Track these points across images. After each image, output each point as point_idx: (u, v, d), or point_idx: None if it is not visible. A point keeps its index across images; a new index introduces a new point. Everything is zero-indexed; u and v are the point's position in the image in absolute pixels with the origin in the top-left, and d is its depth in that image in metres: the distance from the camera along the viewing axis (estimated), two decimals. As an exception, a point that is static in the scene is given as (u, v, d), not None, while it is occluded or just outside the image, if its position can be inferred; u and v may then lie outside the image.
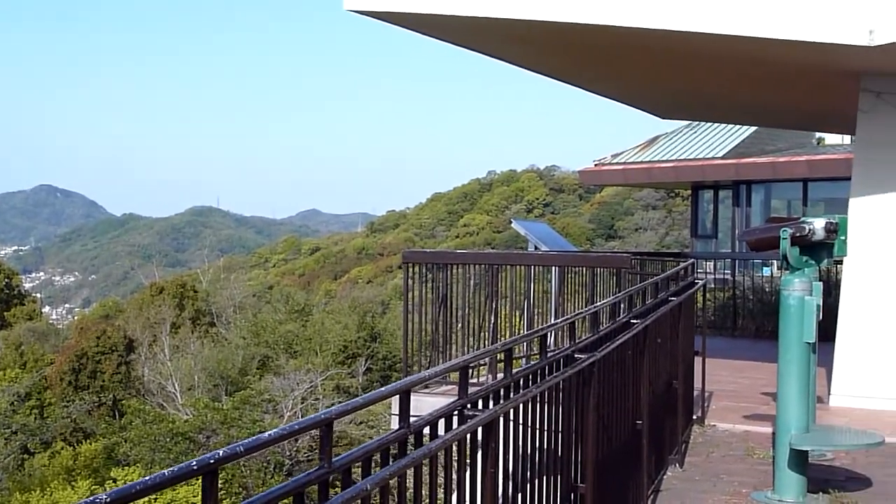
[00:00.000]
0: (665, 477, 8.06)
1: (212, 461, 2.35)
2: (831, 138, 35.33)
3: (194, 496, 26.73)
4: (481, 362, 10.99)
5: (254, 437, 2.58)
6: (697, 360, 10.11)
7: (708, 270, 24.97)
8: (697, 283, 9.89)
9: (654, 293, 8.18)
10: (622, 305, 7.09)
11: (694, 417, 9.94)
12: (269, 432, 2.64)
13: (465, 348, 11.97)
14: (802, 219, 7.77)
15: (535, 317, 12.70)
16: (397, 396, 3.58)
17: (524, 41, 11.19)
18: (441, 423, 3.91)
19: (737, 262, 22.89)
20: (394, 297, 56.91)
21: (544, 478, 5.16)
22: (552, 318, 12.64)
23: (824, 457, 8.66)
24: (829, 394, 11.20)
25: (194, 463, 2.33)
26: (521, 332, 12.15)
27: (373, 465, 3.32)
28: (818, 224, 7.66)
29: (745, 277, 20.04)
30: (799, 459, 7.35)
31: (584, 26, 9.91)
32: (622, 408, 6.53)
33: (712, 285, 21.07)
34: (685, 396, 9.12)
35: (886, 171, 11.13)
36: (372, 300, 58.83)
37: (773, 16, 9.55)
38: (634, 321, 6.79)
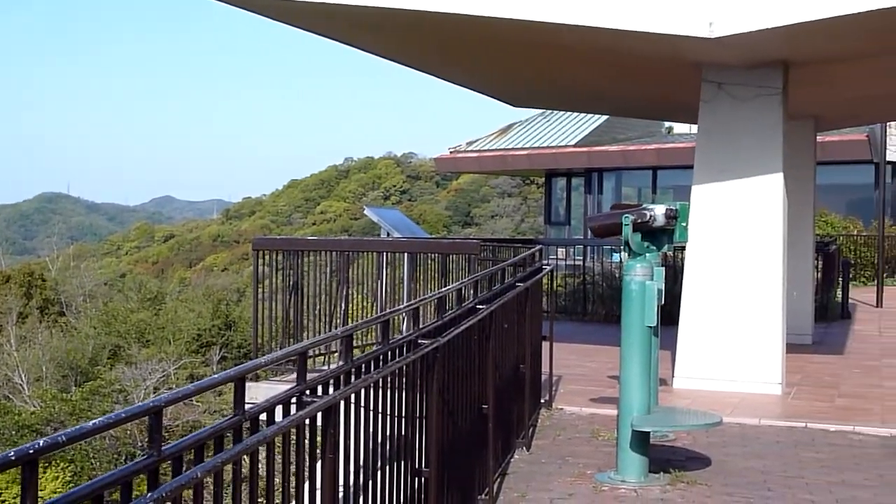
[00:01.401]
0: (512, 460, 8.18)
1: (31, 451, 2.31)
2: (680, 127, 36.14)
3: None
4: (332, 349, 10.98)
5: (77, 427, 2.54)
6: (546, 345, 10.28)
7: (561, 256, 25.34)
8: (545, 268, 10.03)
9: (501, 279, 8.29)
10: (468, 291, 7.17)
11: (542, 401, 10.11)
12: (94, 421, 2.60)
13: (317, 335, 11.93)
14: (644, 205, 7.95)
15: (388, 303, 12.72)
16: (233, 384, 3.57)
17: (375, 29, 11.19)
18: (279, 410, 3.91)
19: (588, 248, 23.24)
20: (249, 285, 56.18)
21: (389, 463, 5.20)
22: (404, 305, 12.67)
23: (666, 437, 8.89)
24: (673, 376, 11.48)
25: (12, 453, 2.29)
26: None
27: (206, 452, 3.31)
28: (659, 210, 7.85)
29: (596, 263, 20.39)
30: (641, 440, 7.53)
31: (432, 14, 9.97)
32: (468, 392, 6.60)
33: (564, 271, 21.41)
34: (533, 380, 9.25)
35: (726, 159, 11.45)
36: (227, 288, 58.12)
37: (618, 7, 9.73)
38: (480, 307, 6.86)
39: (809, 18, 9.32)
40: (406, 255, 13.15)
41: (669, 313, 12.61)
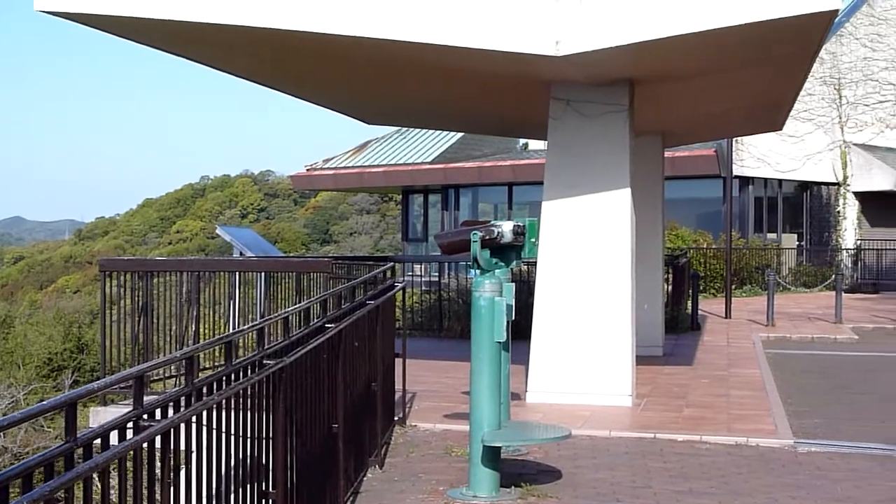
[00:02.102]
0: (365, 479, 8.14)
1: None
2: (535, 144, 36.62)
3: None
4: (175, 372, 10.81)
5: None
6: (399, 362, 10.27)
7: (418, 273, 25.41)
8: (397, 286, 10.03)
9: (352, 297, 8.27)
10: (317, 310, 7.12)
11: (396, 419, 10.09)
12: None
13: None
14: (492, 222, 8.01)
15: (241, 324, 12.58)
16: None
17: (213, 44, 11.04)
18: (115, 435, 3.81)
19: (445, 264, 23.33)
20: (106, 307, 55.03)
21: (236, 486, 5.12)
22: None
23: (519, 451, 8.96)
24: (526, 391, 11.59)
25: None
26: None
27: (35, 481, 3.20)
28: (506, 227, 7.92)
29: (452, 280, 20.48)
30: (492, 455, 7.57)
31: (259, 30, 9.88)
32: (317, 412, 6.55)
33: (422, 287, 21.48)
34: (385, 398, 9.23)
35: (575, 175, 11.62)
36: (79, 310, 56.80)
37: (465, 25, 9.80)
38: (329, 325, 6.83)
39: (652, 37, 9.52)
40: (262, 274, 13.03)
41: (522, 328, 12.77)
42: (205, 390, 4.66)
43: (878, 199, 35.96)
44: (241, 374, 5.11)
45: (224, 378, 4.90)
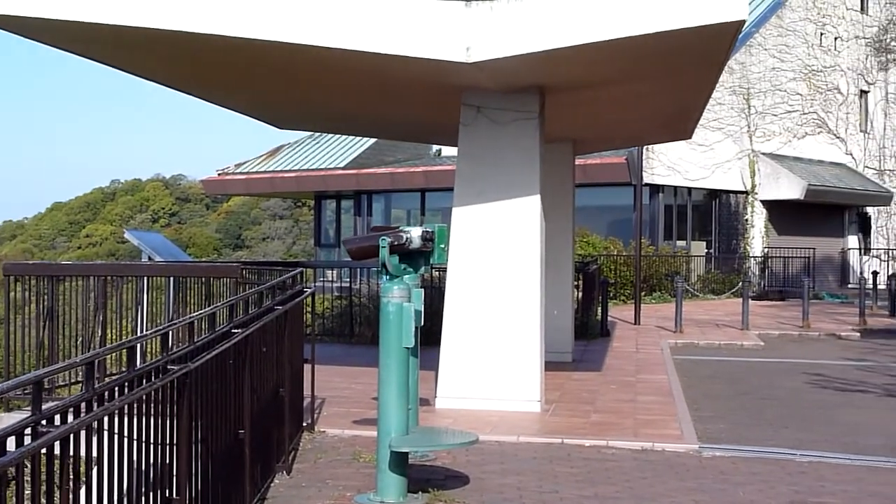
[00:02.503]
0: (272, 485, 8.09)
1: None
2: (449, 150, 36.72)
3: None
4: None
5: None
6: (308, 368, 10.22)
7: (331, 278, 25.34)
8: (306, 291, 9.99)
9: (260, 302, 8.22)
10: (224, 315, 7.07)
11: (304, 424, 10.04)
12: None
13: (73, 363, 11.55)
14: (401, 228, 8.01)
15: (150, 329, 12.44)
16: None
17: (113, 45, 10.87)
18: (12, 441, 3.75)
19: (357, 270, 23.29)
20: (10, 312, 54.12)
21: (139, 493, 5.06)
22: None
23: (426, 457, 8.97)
24: (435, 396, 11.60)
25: None
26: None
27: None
28: (415, 233, 7.92)
29: (364, 285, 20.44)
30: (399, 461, 7.57)
31: (153, 31, 9.77)
32: (223, 418, 6.50)
33: (334, 293, 21.41)
34: (293, 404, 9.18)
35: (485, 181, 11.68)
36: (-15, 315, 55.71)
37: (375, 30, 9.80)
38: (236, 330, 6.78)
39: (561, 45, 9.60)
40: (170, 279, 12.91)
41: (433, 334, 12.79)
42: (106, 395, 4.60)
43: (785, 207, 36.64)
44: (143, 379, 5.06)
45: (126, 383, 4.84)
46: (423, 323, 8.20)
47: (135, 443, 4.96)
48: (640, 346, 18.72)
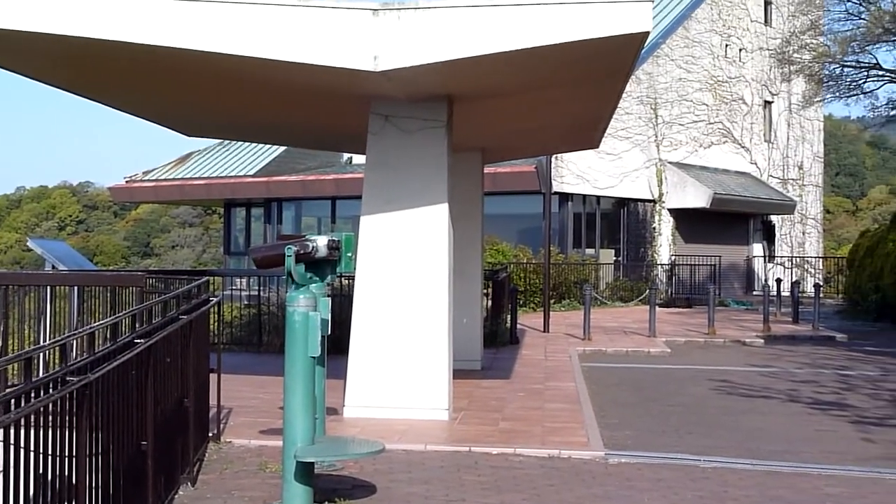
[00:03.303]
0: (176, 496, 8.00)
1: None
2: (359, 158, 36.63)
3: None
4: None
5: None
6: (214, 378, 10.13)
7: (240, 287, 25.11)
8: (212, 300, 9.90)
9: (164, 311, 8.13)
10: (126, 325, 6.97)
11: (210, 435, 9.95)
12: None
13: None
14: (307, 236, 7.98)
15: (52, 338, 12.23)
16: None
17: (6, 50, 10.68)
18: None
19: (267, 278, 23.13)
20: None
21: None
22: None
23: (334, 467, 8.94)
24: (343, 405, 11.56)
25: None
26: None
27: None
28: (321, 242, 7.90)
29: (272, 294, 20.31)
30: (305, 471, 7.52)
31: (58, 37, 9.64)
32: (125, 429, 6.41)
33: (244, 302, 21.24)
34: (199, 415, 9.09)
35: (393, 190, 11.68)
36: None
37: (283, 38, 9.74)
38: (139, 340, 6.70)
39: (467, 55, 9.64)
40: (74, 288, 12.70)
41: (342, 342, 12.74)
42: (1, 408, 4.51)
43: (692, 215, 37.15)
44: (41, 391, 4.97)
45: (23, 395, 4.75)
46: (330, 332, 8.18)
47: (32, 455, 4.87)
48: (548, 354, 18.84)
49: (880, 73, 29.32)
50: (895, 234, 28.09)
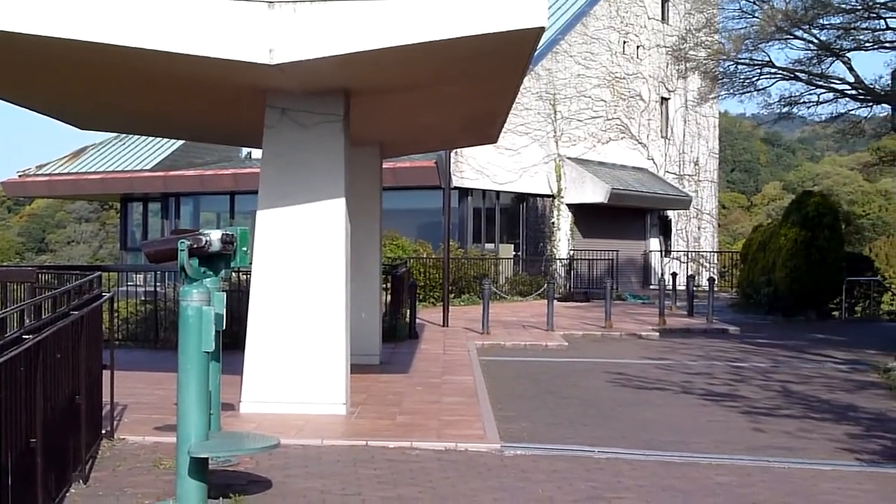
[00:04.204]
0: (68, 494, 7.89)
1: None
2: (258, 152, 36.29)
3: None
4: None
5: None
6: (108, 374, 9.98)
7: (138, 283, 24.81)
8: (105, 295, 9.77)
9: (54, 307, 8.00)
10: (14, 320, 6.85)
11: (103, 432, 9.81)
12: None
13: None
14: (200, 230, 7.92)
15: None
16: None
17: None
18: None
19: (165, 274, 22.85)
20: None
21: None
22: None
23: (229, 462, 8.88)
24: (240, 401, 11.48)
25: None
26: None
27: None
28: (215, 236, 7.84)
29: (170, 290, 20.08)
30: (199, 467, 7.47)
31: None
32: (13, 426, 6.30)
33: (142, 297, 20.95)
34: (91, 411, 8.96)
35: (290, 184, 11.62)
36: None
37: (176, 30, 9.63)
38: (27, 336, 6.59)
39: (362, 49, 9.63)
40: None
41: (240, 338, 12.64)
42: None
43: (590, 211, 37.56)
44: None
45: None
46: (228, 327, 8.13)
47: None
48: (447, 348, 18.90)
49: (773, 70, 29.86)
50: (787, 229, 28.67)
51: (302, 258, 11.59)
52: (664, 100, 44.29)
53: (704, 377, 16.30)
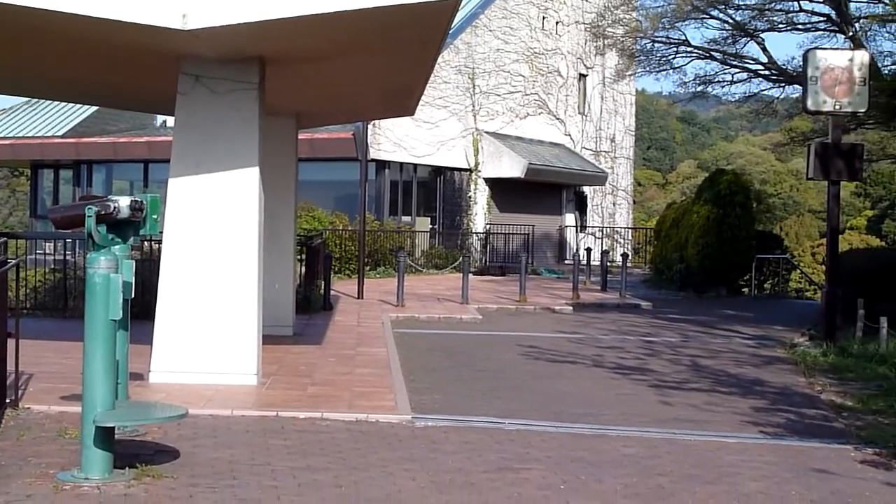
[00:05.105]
0: (-31, 464, 7.74)
1: None
2: (173, 120, 35.89)
3: None
4: None
5: None
6: (12, 343, 9.81)
7: (47, 251, 24.41)
8: (10, 262, 9.58)
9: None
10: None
11: (8, 401, 9.64)
12: None
13: None
14: (109, 197, 7.80)
15: None
16: None
17: None
18: None
19: (75, 242, 22.52)
20: None
21: None
22: None
23: (137, 432, 8.78)
24: (149, 371, 11.36)
25: None
26: None
27: None
28: (123, 202, 7.74)
29: (80, 258, 19.79)
30: (105, 436, 7.38)
31: None
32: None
33: (52, 266, 20.63)
34: (-5, 380, 8.81)
35: (203, 152, 11.49)
36: None
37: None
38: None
39: (276, 16, 9.54)
40: None
41: (151, 308, 12.50)
42: None
43: (507, 185, 37.66)
44: None
45: None
46: (141, 297, 8.02)
47: None
48: (361, 320, 18.88)
49: (689, 49, 30.13)
50: (700, 206, 29.02)
51: (214, 227, 11.47)
52: (582, 76, 44.51)
53: (616, 351, 16.46)
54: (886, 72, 24.48)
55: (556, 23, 42.33)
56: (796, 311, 25.00)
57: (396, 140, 32.90)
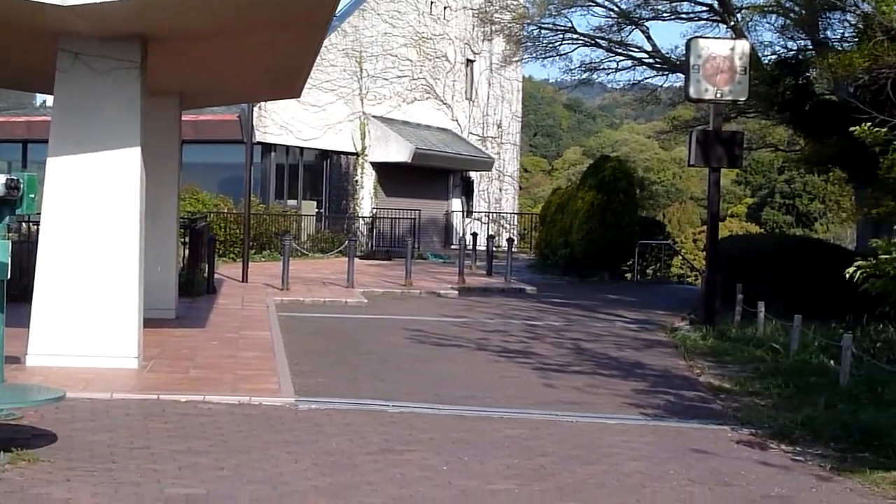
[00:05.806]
0: None
1: None
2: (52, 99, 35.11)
3: None
4: None
5: None
6: None
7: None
8: None
9: None
10: None
11: None
12: None
13: None
14: (-17, 175, 7.62)
15: None
16: None
17: None
18: None
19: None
20: None
21: None
22: None
23: (13, 416, 8.59)
24: (26, 353, 11.13)
25: None
26: None
27: None
28: (-2, 181, 7.57)
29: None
30: (-22, 420, 7.22)
31: None
32: None
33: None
34: None
35: (83, 132, 11.28)
36: None
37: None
38: None
39: (159, -7, 9.42)
40: None
41: (29, 290, 12.24)
42: None
43: (394, 170, 37.64)
44: None
45: None
46: (19, 279, 7.86)
47: None
48: (245, 304, 18.73)
49: (575, 36, 30.45)
50: (584, 192, 29.32)
51: (94, 208, 11.27)
52: (469, 62, 44.65)
53: (500, 335, 16.59)
54: (766, 61, 24.98)
55: (444, 7, 42.38)
56: (678, 295, 25.45)
57: (283, 123, 32.64)
